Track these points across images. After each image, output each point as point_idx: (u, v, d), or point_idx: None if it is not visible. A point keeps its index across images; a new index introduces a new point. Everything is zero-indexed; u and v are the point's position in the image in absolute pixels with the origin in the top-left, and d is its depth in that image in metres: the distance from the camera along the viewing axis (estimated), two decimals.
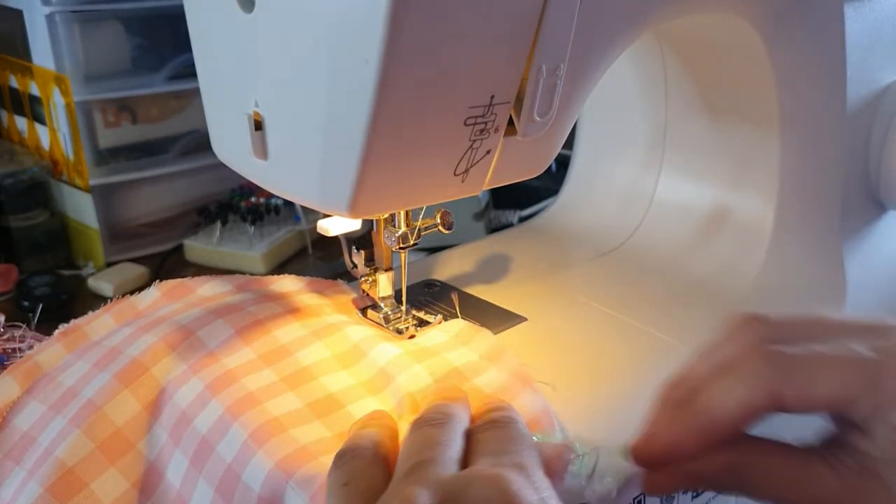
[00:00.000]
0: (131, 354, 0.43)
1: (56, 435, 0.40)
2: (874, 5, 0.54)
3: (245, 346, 0.43)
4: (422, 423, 0.35)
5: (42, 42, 0.77)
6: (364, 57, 0.32)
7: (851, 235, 0.58)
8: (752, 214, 0.57)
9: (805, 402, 0.33)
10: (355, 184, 0.35)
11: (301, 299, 0.48)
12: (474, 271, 0.58)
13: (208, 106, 0.43)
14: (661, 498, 0.41)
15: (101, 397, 0.41)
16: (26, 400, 0.44)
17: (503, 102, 0.37)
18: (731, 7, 0.49)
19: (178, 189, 0.87)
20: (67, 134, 0.79)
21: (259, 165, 0.39)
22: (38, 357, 0.46)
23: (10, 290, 0.75)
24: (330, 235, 0.46)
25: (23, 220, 0.80)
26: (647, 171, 0.63)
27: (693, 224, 0.60)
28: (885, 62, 0.57)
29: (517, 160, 0.41)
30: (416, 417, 0.35)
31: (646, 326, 0.51)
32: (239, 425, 0.38)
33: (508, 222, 0.87)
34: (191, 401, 0.40)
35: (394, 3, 0.30)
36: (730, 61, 0.55)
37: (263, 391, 0.40)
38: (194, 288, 0.50)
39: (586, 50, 0.39)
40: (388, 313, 0.48)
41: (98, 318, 0.49)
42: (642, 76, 0.61)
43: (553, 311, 0.53)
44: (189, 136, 0.86)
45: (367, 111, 0.33)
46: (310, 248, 0.85)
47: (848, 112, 0.55)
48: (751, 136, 0.56)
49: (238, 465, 0.37)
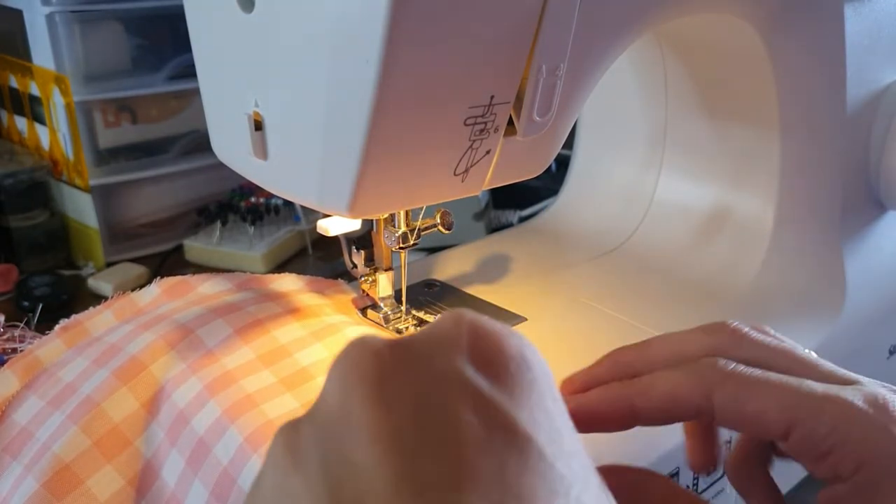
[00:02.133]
0: (131, 352, 0.43)
1: (54, 430, 0.40)
2: (874, 5, 0.54)
3: (244, 345, 0.43)
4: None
5: (42, 42, 0.77)
6: (364, 57, 0.32)
7: (851, 235, 0.58)
8: (752, 214, 0.57)
9: (735, 416, 0.32)
10: (355, 184, 0.35)
11: (301, 299, 0.48)
12: (474, 271, 0.58)
13: (208, 106, 0.43)
14: None
15: (99, 394, 0.41)
16: (25, 394, 0.44)
17: (503, 102, 0.37)
18: (731, 7, 0.49)
19: (178, 189, 0.87)
20: (67, 134, 0.79)
21: (259, 165, 0.39)
22: (39, 352, 0.46)
23: (10, 290, 0.75)
24: (330, 235, 0.46)
25: (23, 220, 0.80)
26: (647, 170, 0.63)
27: (693, 224, 0.60)
28: (885, 62, 0.57)
29: (517, 160, 0.41)
30: None
31: (646, 326, 0.51)
32: (236, 428, 0.38)
33: (508, 222, 0.87)
34: (189, 400, 0.40)
35: (394, 3, 0.30)
36: (730, 61, 0.55)
37: (261, 393, 0.40)
38: (195, 285, 0.50)
39: (586, 50, 0.39)
40: (388, 313, 0.48)
41: (99, 315, 0.49)
42: (642, 76, 0.61)
43: (553, 311, 0.53)
44: (189, 136, 0.86)
45: (367, 111, 0.33)
46: (310, 248, 0.85)
47: (848, 112, 0.55)
48: (751, 135, 0.56)
49: (234, 469, 0.37)
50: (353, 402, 0.22)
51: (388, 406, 0.22)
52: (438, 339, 0.24)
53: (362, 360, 0.23)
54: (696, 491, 0.44)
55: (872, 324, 0.58)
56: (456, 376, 0.23)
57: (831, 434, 0.31)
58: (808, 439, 0.31)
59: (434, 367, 0.23)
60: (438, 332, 0.24)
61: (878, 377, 0.40)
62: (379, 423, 0.21)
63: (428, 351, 0.24)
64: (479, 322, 0.25)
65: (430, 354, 0.24)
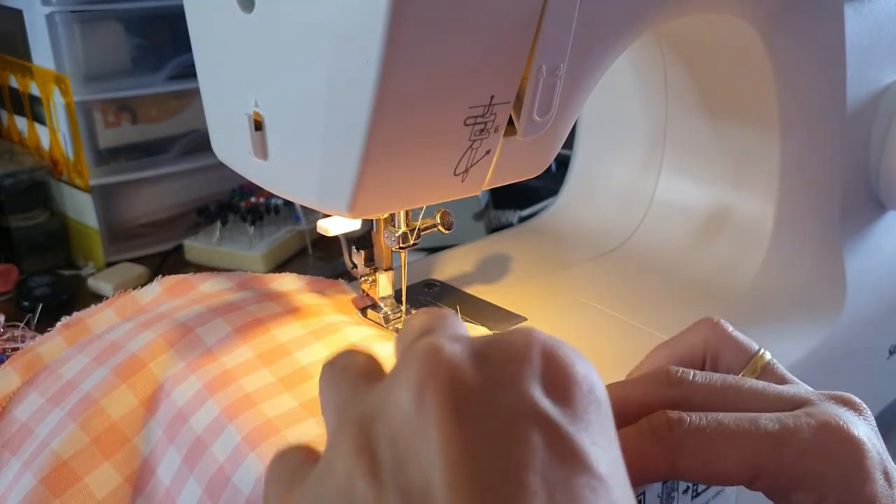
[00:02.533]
0: (131, 350, 0.43)
1: (53, 427, 0.40)
2: (874, 5, 0.54)
3: (243, 344, 0.43)
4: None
5: (42, 42, 0.77)
6: (364, 57, 0.32)
7: (851, 235, 0.58)
8: (752, 214, 0.57)
9: (705, 476, 0.33)
10: (355, 184, 0.35)
11: (301, 299, 0.48)
12: (474, 271, 0.58)
13: (208, 106, 0.43)
14: (660, 498, 0.41)
15: (98, 391, 0.41)
16: (26, 391, 0.44)
17: (503, 102, 0.37)
18: (731, 7, 0.49)
19: (178, 189, 0.87)
20: (67, 134, 0.79)
21: (259, 165, 0.39)
22: (40, 349, 0.46)
23: (10, 290, 0.75)
24: (330, 235, 0.46)
25: (23, 220, 0.80)
26: (647, 171, 0.63)
27: (693, 224, 0.60)
28: (885, 62, 0.57)
29: (517, 160, 0.41)
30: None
31: (646, 326, 0.51)
32: (234, 427, 0.38)
33: (508, 222, 0.87)
34: (188, 399, 0.40)
35: (394, 3, 0.30)
36: (730, 61, 0.55)
37: (260, 392, 0.40)
38: (196, 284, 0.50)
39: (586, 50, 0.39)
40: (388, 313, 0.48)
41: (101, 313, 0.49)
42: (642, 76, 0.61)
43: (553, 311, 0.53)
44: (189, 136, 0.86)
45: (367, 111, 0.33)
46: (310, 248, 0.85)
47: (848, 112, 0.55)
48: (751, 136, 0.56)
49: (230, 467, 0.37)
50: (431, 417, 0.22)
51: (464, 432, 0.22)
52: (513, 359, 0.24)
53: (439, 370, 0.23)
54: (695, 491, 0.44)
55: (872, 324, 0.58)
56: (529, 405, 0.23)
57: (792, 477, 0.33)
58: (773, 483, 0.33)
59: (509, 392, 0.24)
60: (513, 351, 0.25)
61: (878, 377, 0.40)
62: (455, 446, 0.22)
63: (503, 373, 0.24)
64: (551, 344, 0.25)
65: (506, 377, 0.24)
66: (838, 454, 0.33)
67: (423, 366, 0.23)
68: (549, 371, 0.24)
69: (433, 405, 0.23)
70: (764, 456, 0.33)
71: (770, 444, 0.33)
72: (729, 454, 0.33)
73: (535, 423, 0.23)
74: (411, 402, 0.23)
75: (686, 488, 0.43)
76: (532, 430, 0.23)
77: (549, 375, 0.24)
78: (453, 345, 0.24)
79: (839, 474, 0.33)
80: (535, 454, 0.22)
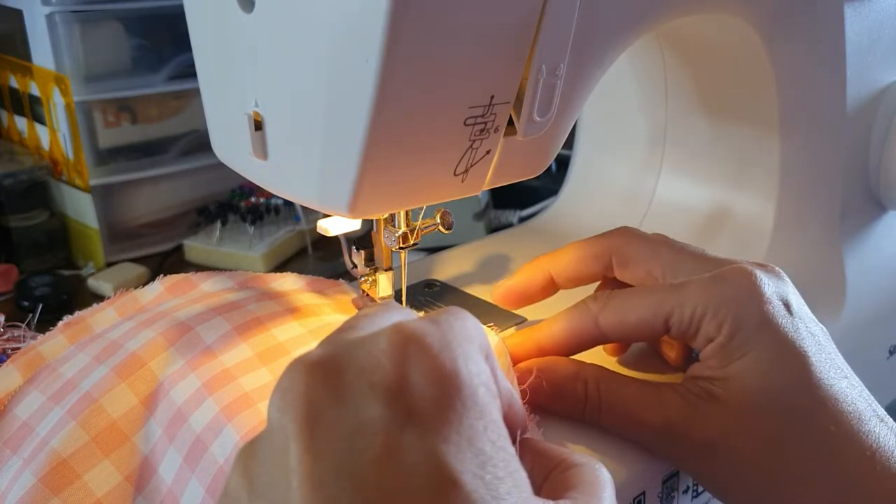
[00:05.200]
0: (130, 348, 0.43)
1: (53, 425, 0.40)
2: (874, 5, 0.54)
3: (242, 343, 0.43)
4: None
5: (42, 42, 0.77)
6: (364, 57, 0.32)
7: (851, 235, 0.58)
8: (752, 214, 0.58)
9: (621, 328, 0.40)
10: (355, 184, 0.35)
11: (301, 298, 0.48)
12: (474, 271, 0.58)
13: (208, 106, 0.43)
14: (660, 498, 0.41)
15: (98, 390, 0.41)
16: (27, 389, 0.44)
17: (503, 102, 0.37)
18: (731, 7, 0.49)
19: (178, 189, 0.87)
20: (67, 134, 0.79)
21: (259, 165, 0.39)
22: (41, 348, 0.46)
23: (10, 290, 0.75)
24: (330, 235, 0.46)
25: (23, 220, 0.80)
26: (647, 170, 0.63)
27: (693, 224, 0.60)
28: (885, 62, 0.57)
29: (517, 160, 0.41)
30: None
31: None
32: (233, 426, 0.38)
33: (508, 222, 0.87)
34: (187, 398, 0.40)
35: (394, 3, 0.30)
36: (730, 61, 0.55)
37: (258, 392, 0.40)
38: (197, 283, 0.50)
39: (586, 50, 0.39)
40: None
41: (102, 311, 0.49)
42: (642, 76, 0.61)
43: (553, 311, 0.52)
44: (189, 136, 0.86)
45: (366, 111, 0.33)
46: (310, 249, 0.85)
47: (848, 112, 0.55)
48: (751, 136, 0.56)
49: (229, 466, 0.37)
50: (289, 437, 0.25)
51: (316, 452, 0.24)
52: (373, 367, 0.26)
53: (294, 385, 0.25)
54: (696, 491, 0.44)
55: (872, 324, 0.58)
56: (381, 422, 0.25)
57: (695, 312, 0.38)
58: (682, 323, 0.38)
59: (362, 409, 0.25)
60: (372, 359, 0.26)
61: (878, 377, 0.40)
62: (307, 466, 0.24)
63: (358, 385, 0.25)
64: (414, 345, 0.26)
65: (360, 389, 0.25)
66: (735, 285, 0.38)
67: (282, 379, 0.26)
68: (410, 380, 0.25)
69: (289, 423, 0.25)
70: (669, 300, 0.39)
71: (673, 290, 0.39)
72: (640, 304, 0.39)
73: (389, 440, 0.24)
74: (274, 420, 0.26)
75: (686, 488, 0.43)
76: (386, 451, 0.24)
77: (409, 386, 0.25)
78: (311, 355, 0.26)
79: (736, 300, 0.38)
80: (390, 475, 0.24)
